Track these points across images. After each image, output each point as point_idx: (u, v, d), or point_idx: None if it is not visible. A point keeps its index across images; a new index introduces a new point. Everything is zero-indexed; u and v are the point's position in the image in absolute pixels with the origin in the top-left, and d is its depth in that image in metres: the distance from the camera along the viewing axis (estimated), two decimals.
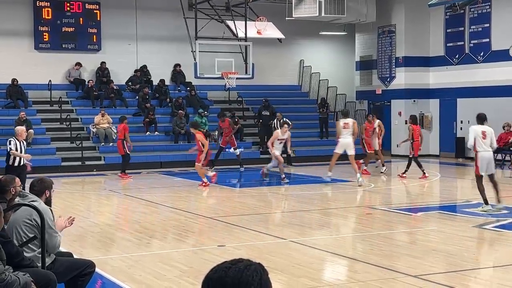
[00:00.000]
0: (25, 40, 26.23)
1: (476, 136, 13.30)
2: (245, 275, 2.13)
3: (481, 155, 13.27)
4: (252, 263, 2.19)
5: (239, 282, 2.11)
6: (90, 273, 6.97)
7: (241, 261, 2.18)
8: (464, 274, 8.69)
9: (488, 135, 13.38)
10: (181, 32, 24.41)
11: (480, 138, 13.28)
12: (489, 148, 13.34)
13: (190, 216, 13.73)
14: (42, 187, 7.04)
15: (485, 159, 13.30)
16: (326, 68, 30.79)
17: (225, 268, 2.15)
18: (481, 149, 13.26)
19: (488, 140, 13.33)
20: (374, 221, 13.14)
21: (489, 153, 13.37)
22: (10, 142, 14.32)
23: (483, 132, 13.38)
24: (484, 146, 13.27)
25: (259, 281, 2.14)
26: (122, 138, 20.99)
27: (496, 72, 25.02)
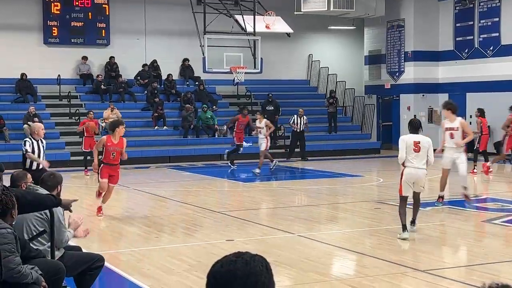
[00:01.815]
0: (34, 35, 26.29)
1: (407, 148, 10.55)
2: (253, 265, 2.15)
3: (408, 172, 10.52)
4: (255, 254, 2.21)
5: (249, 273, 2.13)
6: (99, 267, 7.00)
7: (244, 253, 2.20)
8: (473, 268, 8.68)
9: (424, 147, 10.63)
10: (189, 26, 24.41)
11: (412, 150, 10.54)
12: (421, 165, 10.50)
13: (198, 211, 13.75)
14: (54, 182, 7.09)
15: (413, 177, 10.53)
16: (335, 62, 30.73)
17: (231, 261, 2.16)
18: (409, 164, 10.49)
19: (422, 153, 10.57)
20: (383, 216, 13.12)
21: (420, 171, 10.52)
22: (25, 143, 12.38)
23: (416, 143, 10.66)
24: (415, 161, 10.50)
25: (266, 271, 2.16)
26: None
27: (506, 66, 24.91)
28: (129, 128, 25.03)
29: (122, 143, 12.86)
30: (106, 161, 12.82)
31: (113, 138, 12.81)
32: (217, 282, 2.14)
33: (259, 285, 2.13)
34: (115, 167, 12.93)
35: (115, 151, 12.72)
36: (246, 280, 2.12)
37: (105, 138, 12.96)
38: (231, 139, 25.64)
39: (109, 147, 12.72)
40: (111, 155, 12.73)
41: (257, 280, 2.13)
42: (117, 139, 12.75)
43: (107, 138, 12.85)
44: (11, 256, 5.62)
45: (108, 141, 12.81)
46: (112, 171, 12.86)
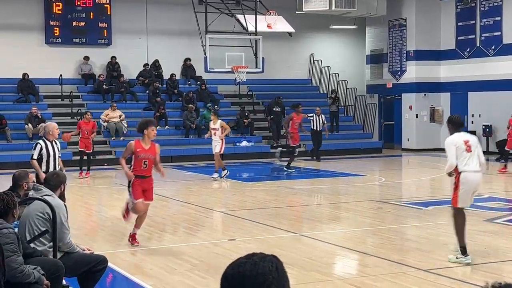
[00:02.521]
0: (36, 35, 26.31)
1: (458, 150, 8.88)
2: (262, 266, 2.17)
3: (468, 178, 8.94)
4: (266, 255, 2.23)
5: (257, 273, 2.15)
6: (102, 269, 7.00)
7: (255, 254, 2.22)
8: (475, 268, 8.67)
9: (474, 146, 9.01)
10: (191, 26, 24.41)
11: (464, 151, 8.89)
12: (477, 167, 8.96)
13: (200, 210, 13.76)
14: (57, 181, 7.09)
15: (474, 183, 9.01)
16: (337, 62, 30.72)
17: (241, 263, 2.19)
18: (466, 168, 8.90)
19: (474, 153, 8.95)
20: (385, 215, 13.12)
21: (478, 174, 9.05)
22: (36, 147, 10.80)
23: (466, 142, 8.96)
24: (471, 164, 8.91)
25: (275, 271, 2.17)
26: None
27: (508, 65, 24.90)
28: (131, 128, 25.07)
29: (155, 149, 10.27)
30: (137, 172, 10.10)
31: (143, 142, 10.16)
32: (229, 284, 2.18)
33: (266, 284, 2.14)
34: (149, 179, 10.25)
35: (147, 159, 10.09)
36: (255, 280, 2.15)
37: (133, 144, 10.16)
38: (233, 138, 25.70)
39: (139, 154, 10.02)
40: (142, 165, 10.07)
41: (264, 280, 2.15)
42: (148, 143, 10.18)
43: (135, 143, 10.12)
44: (14, 256, 5.63)
45: (138, 146, 10.08)
46: (145, 184, 10.23)
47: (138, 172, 10.09)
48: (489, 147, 25.44)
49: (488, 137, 25.62)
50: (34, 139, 23.30)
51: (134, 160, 10.05)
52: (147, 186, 10.25)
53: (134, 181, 10.06)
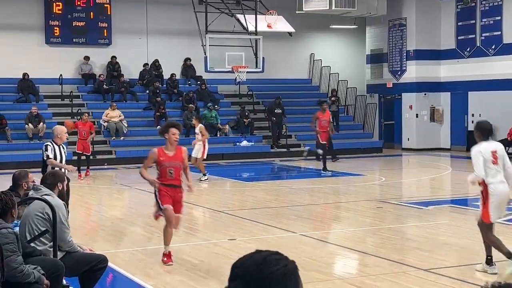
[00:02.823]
0: (36, 35, 26.31)
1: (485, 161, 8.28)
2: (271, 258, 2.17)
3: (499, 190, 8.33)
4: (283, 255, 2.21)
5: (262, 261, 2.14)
6: (103, 268, 7.00)
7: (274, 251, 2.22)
8: (476, 267, 8.66)
9: (500, 157, 8.41)
10: (191, 26, 24.41)
11: (490, 163, 8.31)
12: (503, 178, 8.38)
13: (201, 210, 13.76)
14: (53, 180, 7.08)
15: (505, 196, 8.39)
16: (337, 61, 30.72)
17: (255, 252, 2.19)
18: (495, 180, 8.32)
19: (500, 164, 8.38)
20: (385, 215, 13.12)
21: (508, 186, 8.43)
22: (47, 148, 10.63)
23: (493, 153, 8.36)
24: (498, 176, 8.35)
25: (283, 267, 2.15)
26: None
27: (508, 65, 24.89)
28: (131, 128, 25.12)
29: (181, 154, 9.08)
30: (164, 181, 9.01)
31: (166, 149, 8.99)
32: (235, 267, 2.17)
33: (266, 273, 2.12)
34: (177, 189, 9.09)
35: (172, 167, 8.95)
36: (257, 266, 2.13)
37: (155, 152, 8.98)
38: (233, 138, 25.70)
39: (163, 163, 8.94)
40: (167, 173, 8.95)
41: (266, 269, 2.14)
42: (172, 149, 8.99)
43: (158, 151, 8.95)
44: (13, 256, 5.63)
45: (160, 154, 8.94)
46: (174, 194, 9.05)
47: (165, 181, 8.98)
48: None
49: None
50: (34, 139, 23.34)
51: (159, 169, 9.02)
52: (176, 196, 9.06)
53: (161, 189, 8.95)
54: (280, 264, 2.18)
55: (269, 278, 2.11)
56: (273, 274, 2.13)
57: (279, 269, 2.15)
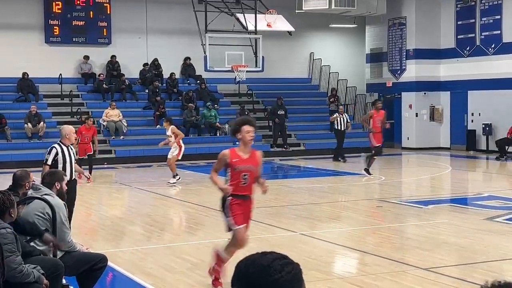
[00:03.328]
0: (36, 34, 26.30)
1: None
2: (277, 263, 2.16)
3: None
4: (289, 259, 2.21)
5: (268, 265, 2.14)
6: (102, 267, 7.00)
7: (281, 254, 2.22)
8: (475, 267, 8.67)
9: None
10: (191, 25, 24.39)
11: None
12: None
13: (200, 209, 13.76)
14: (51, 179, 7.07)
15: None
16: (336, 61, 30.71)
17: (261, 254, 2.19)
18: None
19: None
20: (385, 214, 13.12)
21: None
22: (50, 151, 9.97)
23: None
24: None
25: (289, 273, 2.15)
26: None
27: (507, 64, 24.89)
28: (131, 127, 25.12)
29: (256, 158, 7.73)
30: (236, 190, 7.61)
31: (240, 150, 7.64)
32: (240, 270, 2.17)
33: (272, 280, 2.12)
34: (249, 201, 7.86)
35: (247, 171, 7.60)
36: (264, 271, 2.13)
37: (227, 153, 7.61)
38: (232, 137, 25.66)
39: (237, 166, 7.55)
40: (241, 180, 7.59)
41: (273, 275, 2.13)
42: (247, 151, 7.63)
43: (231, 153, 7.61)
44: (12, 256, 5.63)
45: (234, 156, 7.60)
46: (245, 206, 7.80)
47: (236, 190, 7.59)
48: (489, 146, 25.43)
49: (488, 136, 25.61)
50: (33, 139, 23.34)
51: (230, 174, 7.59)
52: (247, 209, 7.82)
53: (233, 201, 7.57)
54: (284, 270, 2.18)
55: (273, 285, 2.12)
56: (277, 281, 2.13)
57: (283, 276, 2.15)
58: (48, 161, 9.87)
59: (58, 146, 10.00)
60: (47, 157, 9.92)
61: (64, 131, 10.16)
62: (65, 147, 10.02)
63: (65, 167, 9.85)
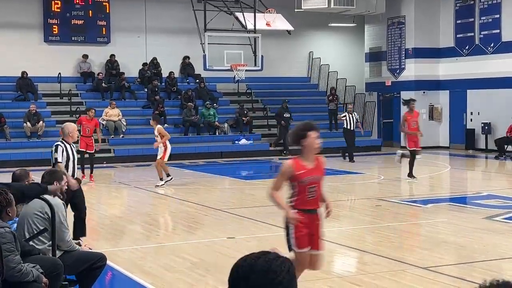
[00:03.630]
0: (35, 33, 26.30)
1: None
2: (275, 264, 2.17)
3: None
4: (281, 256, 2.23)
5: (268, 270, 2.15)
6: (101, 266, 7.00)
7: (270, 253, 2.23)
8: (474, 266, 8.68)
9: None
10: (190, 24, 24.39)
11: None
12: None
13: (200, 208, 13.76)
14: (50, 178, 7.06)
15: None
16: (336, 60, 30.71)
17: (255, 257, 2.19)
18: None
19: None
20: (384, 213, 13.13)
21: None
22: (57, 149, 9.74)
23: None
24: None
25: (287, 272, 2.17)
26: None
27: (506, 63, 24.89)
28: (130, 126, 25.11)
29: (321, 166, 6.80)
30: (301, 205, 6.67)
31: (304, 159, 6.64)
32: (238, 274, 2.18)
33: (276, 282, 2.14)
34: (316, 215, 6.83)
35: (314, 183, 6.69)
36: (265, 276, 2.15)
37: (291, 164, 6.61)
38: (231, 136, 25.70)
39: (303, 178, 6.58)
40: (307, 193, 6.65)
41: (274, 278, 2.15)
42: (311, 159, 6.67)
43: (294, 163, 6.61)
44: (11, 255, 5.62)
45: (299, 167, 6.61)
46: (311, 223, 6.76)
47: (302, 204, 6.65)
48: (488, 145, 25.44)
49: (487, 135, 25.63)
50: (32, 138, 23.34)
51: (295, 188, 6.63)
52: (313, 225, 6.78)
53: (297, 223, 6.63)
54: (284, 268, 2.20)
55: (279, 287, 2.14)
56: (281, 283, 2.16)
57: (285, 277, 2.18)
58: (59, 158, 9.63)
59: (62, 143, 9.79)
60: (56, 155, 9.64)
61: (67, 128, 9.89)
62: (68, 145, 9.81)
63: (68, 165, 9.70)
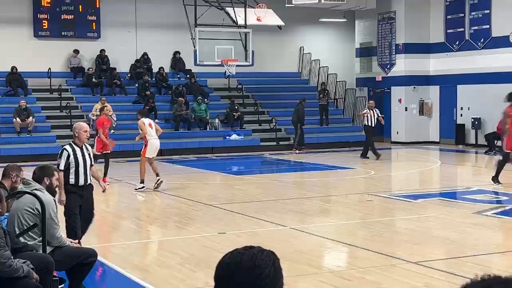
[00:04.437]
0: (25, 28, 26.17)
1: None
2: (260, 259, 2.17)
3: None
4: (265, 249, 2.23)
5: (254, 265, 2.15)
6: (92, 262, 6.99)
7: (253, 247, 2.23)
8: (464, 260, 8.71)
9: None
10: (180, 19, 24.35)
11: None
12: None
13: (190, 204, 13.76)
14: (40, 174, 7.04)
15: None
16: (326, 55, 30.73)
17: (239, 253, 2.19)
18: None
19: None
20: (375, 208, 13.16)
21: None
22: (62, 154, 8.73)
23: None
24: None
25: (272, 265, 2.18)
26: None
27: (496, 58, 24.98)
28: (120, 121, 25.03)
29: None
30: None
31: None
32: (224, 272, 2.18)
33: (262, 277, 2.15)
34: None
35: None
36: (251, 271, 2.15)
37: None
38: (222, 131, 25.69)
39: None
40: None
41: (261, 273, 2.15)
42: None
43: None
44: (1, 251, 5.61)
45: None
46: None
47: None
48: (478, 140, 25.54)
49: (477, 130, 25.73)
50: (23, 133, 23.24)
51: None
52: None
53: None
54: (269, 262, 2.20)
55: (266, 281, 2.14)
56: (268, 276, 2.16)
57: (270, 270, 2.18)
58: (60, 166, 8.59)
59: (70, 147, 8.79)
60: (59, 161, 8.68)
61: (74, 128, 8.95)
62: (78, 148, 8.78)
63: (78, 171, 8.70)
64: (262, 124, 26.92)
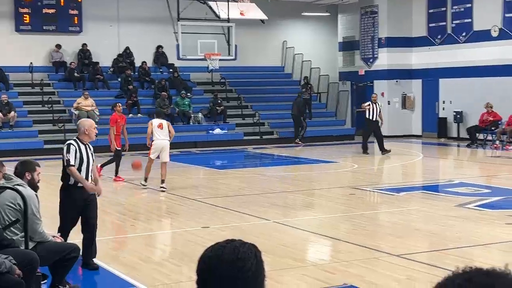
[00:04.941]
0: (6, 22, 25.96)
1: None
2: (242, 252, 2.18)
3: None
4: (246, 242, 2.23)
5: (236, 258, 2.15)
6: (74, 257, 6.97)
7: (235, 240, 2.23)
8: (446, 253, 8.77)
9: None
10: (163, 13, 24.26)
11: None
12: None
13: (174, 198, 13.74)
14: (22, 169, 7.00)
15: None
16: (309, 49, 30.76)
17: (220, 247, 2.19)
18: None
19: None
20: (358, 201, 13.21)
21: None
22: (69, 149, 8.19)
23: None
24: None
25: (254, 258, 2.18)
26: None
27: (478, 52, 25.12)
28: (103, 116, 24.89)
29: None
30: None
31: None
32: (206, 266, 2.17)
33: (245, 270, 2.15)
34: None
35: None
36: (233, 264, 2.15)
37: None
38: (206, 126, 25.65)
39: None
40: None
41: (243, 265, 2.16)
42: None
43: None
44: None
45: None
46: None
47: None
48: (460, 133, 25.70)
49: (459, 124, 25.88)
50: (4, 128, 23.08)
51: None
52: None
53: None
54: (251, 254, 2.21)
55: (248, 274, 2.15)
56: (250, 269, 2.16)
57: (252, 263, 2.19)
58: (71, 161, 8.09)
59: (75, 142, 8.27)
60: (68, 157, 8.11)
61: (83, 125, 8.35)
62: (83, 145, 8.28)
63: (81, 168, 8.21)
64: (245, 118, 26.92)
